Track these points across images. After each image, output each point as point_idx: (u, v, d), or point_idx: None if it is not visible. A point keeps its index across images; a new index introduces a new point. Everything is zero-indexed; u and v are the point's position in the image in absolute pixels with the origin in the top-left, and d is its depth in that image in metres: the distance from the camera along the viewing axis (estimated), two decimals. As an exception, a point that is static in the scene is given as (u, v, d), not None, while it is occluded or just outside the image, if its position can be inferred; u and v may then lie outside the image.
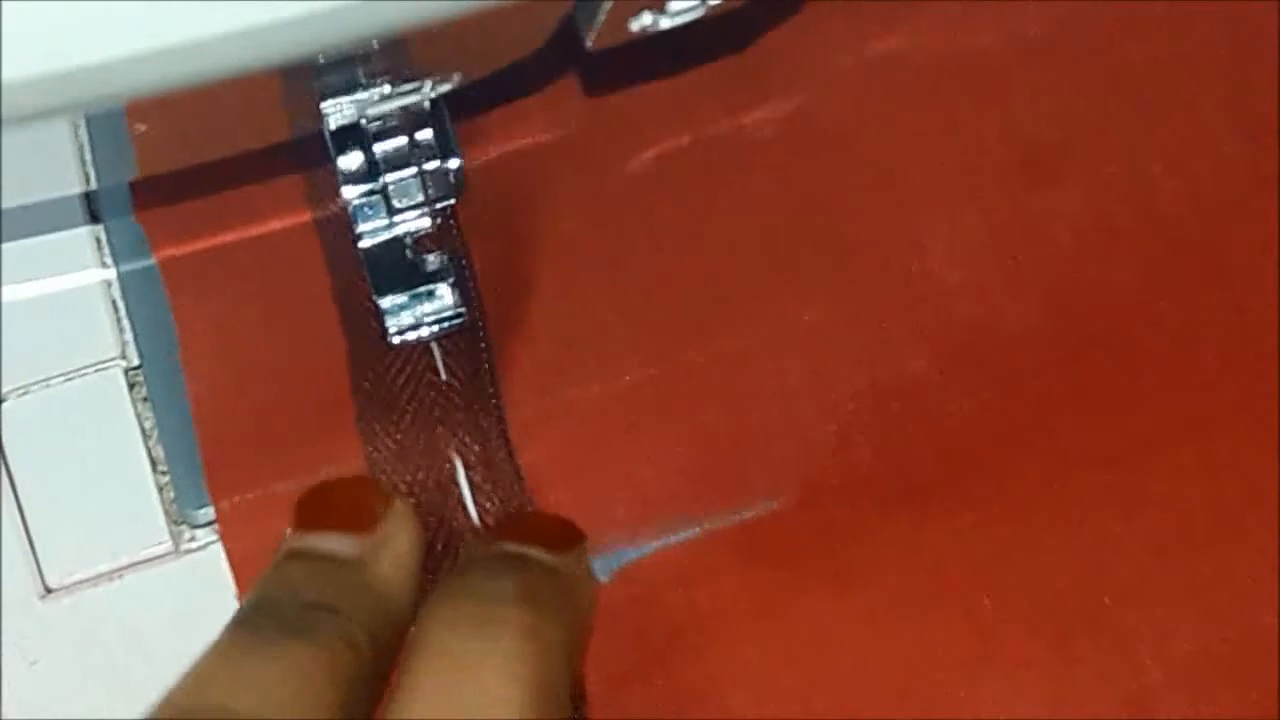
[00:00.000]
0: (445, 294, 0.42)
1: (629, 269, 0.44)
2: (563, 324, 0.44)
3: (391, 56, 0.37)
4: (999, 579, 0.42)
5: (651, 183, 0.44)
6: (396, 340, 0.42)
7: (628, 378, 0.43)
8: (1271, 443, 0.43)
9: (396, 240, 0.42)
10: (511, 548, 0.38)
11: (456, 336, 0.43)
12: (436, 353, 0.43)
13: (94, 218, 0.44)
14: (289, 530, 0.39)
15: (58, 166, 0.43)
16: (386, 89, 0.39)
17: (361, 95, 0.39)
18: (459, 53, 0.38)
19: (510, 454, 0.43)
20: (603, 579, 0.43)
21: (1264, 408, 0.43)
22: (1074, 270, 0.44)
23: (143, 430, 0.43)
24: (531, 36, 0.37)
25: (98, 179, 0.44)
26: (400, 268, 0.42)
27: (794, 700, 0.42)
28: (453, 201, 0.42)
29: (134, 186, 0.44)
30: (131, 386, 0.43)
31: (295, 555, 0.37)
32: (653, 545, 0.43)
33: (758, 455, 0.43)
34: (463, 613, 0.35)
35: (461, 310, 0.42)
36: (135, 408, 0.43)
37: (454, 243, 0.43)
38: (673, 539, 0.43)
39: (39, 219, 0.44)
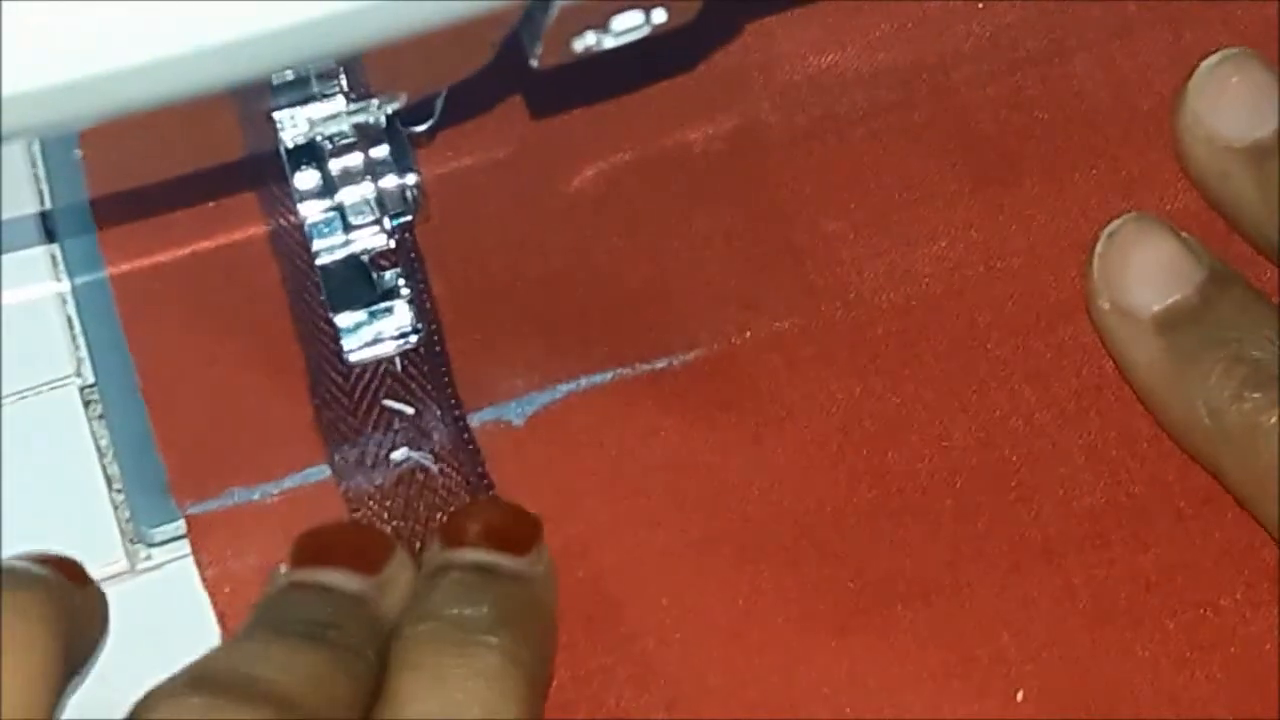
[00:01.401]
0: (402, 311, 0.42)
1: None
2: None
3: (341, 74, 0.37)
4: (905, 436, 0.43)
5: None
6: (354, 358, 0.42)
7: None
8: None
9: (353, 257, 0.42)
10: (480, 558, 0.39)
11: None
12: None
13: (50, 236, 0.44)
14: (284, 567, 0.39)
15: (12, 187, 0.43)
16: (337, 106, 0.39)
17: (313, 112, 0.39)
18: (405, 70, 0.39)
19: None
20: (518, 423, 0.43)
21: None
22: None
23: (98, 448, 0.42)
24: (475, 55, 0.37)
25: (52, 199, 0.44)
26: (357, 284, 0.42)
27: (702, 542, 0.43)
28: (410, 218, 0.42)
29: (94, 204, 0.44)
30: (87, 404, 0.43)
31: (298, 586, 0.38)
32: (566, 389, 0.43)
33: (673, 309, 0.44)
34: (444, 639, 0.36)
35: (419, 327, 0.42)
36: (90, 425, 0.43)
37: (411, 259, 0.43)
38: (585, 383, 0.44)
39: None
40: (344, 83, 0.39)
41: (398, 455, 0.42)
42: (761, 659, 0.42)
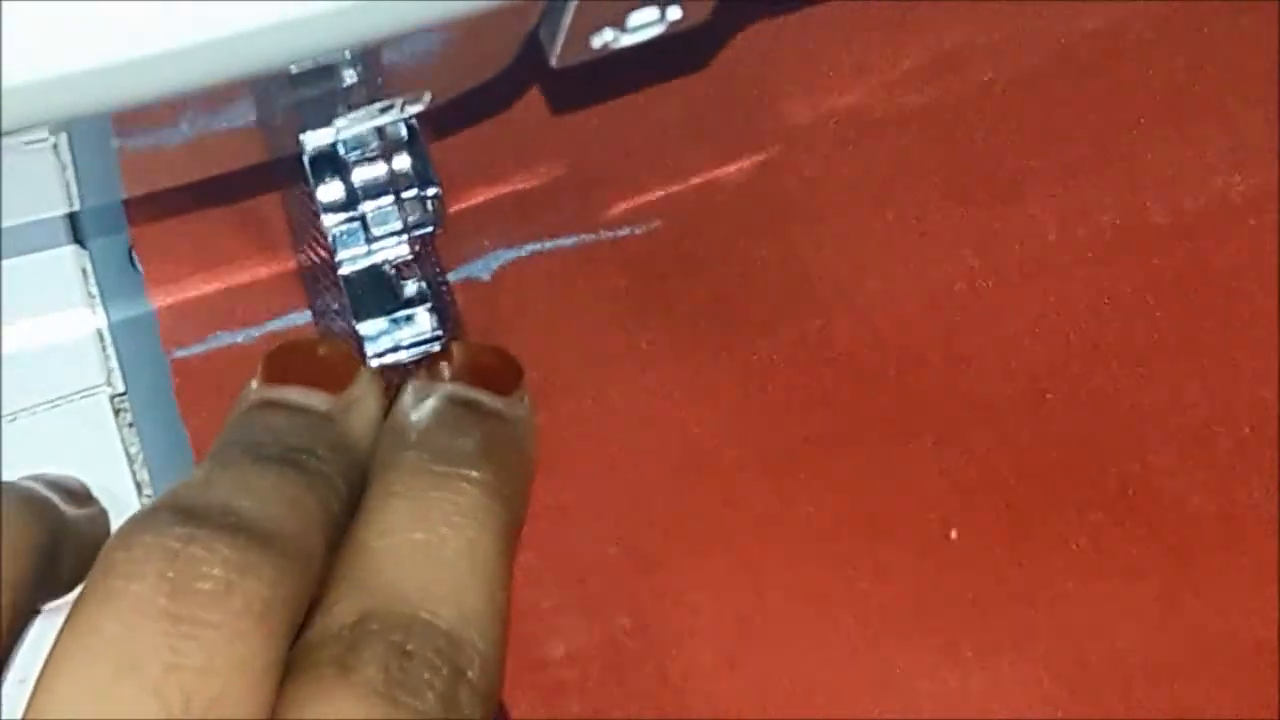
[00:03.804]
0: (423, 319, 0.43)
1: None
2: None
3: (363, 70, 0.38)
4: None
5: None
6: (375, 364, 0.42)
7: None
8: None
9: (375, 267, 0.42)
10: (461, 392, 0.40)
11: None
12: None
13: (79, 240, 0.45)
14: (255, 382, 0.39)
15: (42, 187, 0.44)
16: (360, 108, 0.40)
17: (337, 114, 0.40)
18: (428, 68, 0.39)
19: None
20: (485, 278, 0.45)
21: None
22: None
23: (128, 455, 0.43)
24: (499, 52, 0.37)
25: (81, 200, 0.44)
26: (379, 294, 0.42)
27: (655, 386, 0.45)
28: (431, 229, 0.43)
29: (126, 207, 0.45)
30: (117, 413, 0.44)
31: (268, 404, 0.38)
32: (531, 248, 0.45)
33: (635, 178, 0.46)
34: (429, 469, 0.37)
35: (440, 334, 0.43)
36: (121, 433, 0.43)
37: (432, 268, 0.44)
38: (550, 244, 0.45)
39: (24, 240, 0.44)
40: (368, 82, 0.40)
41: None
42: (702, 493, 0.44)
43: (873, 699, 0.42)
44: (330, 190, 0.42)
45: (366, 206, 0.42)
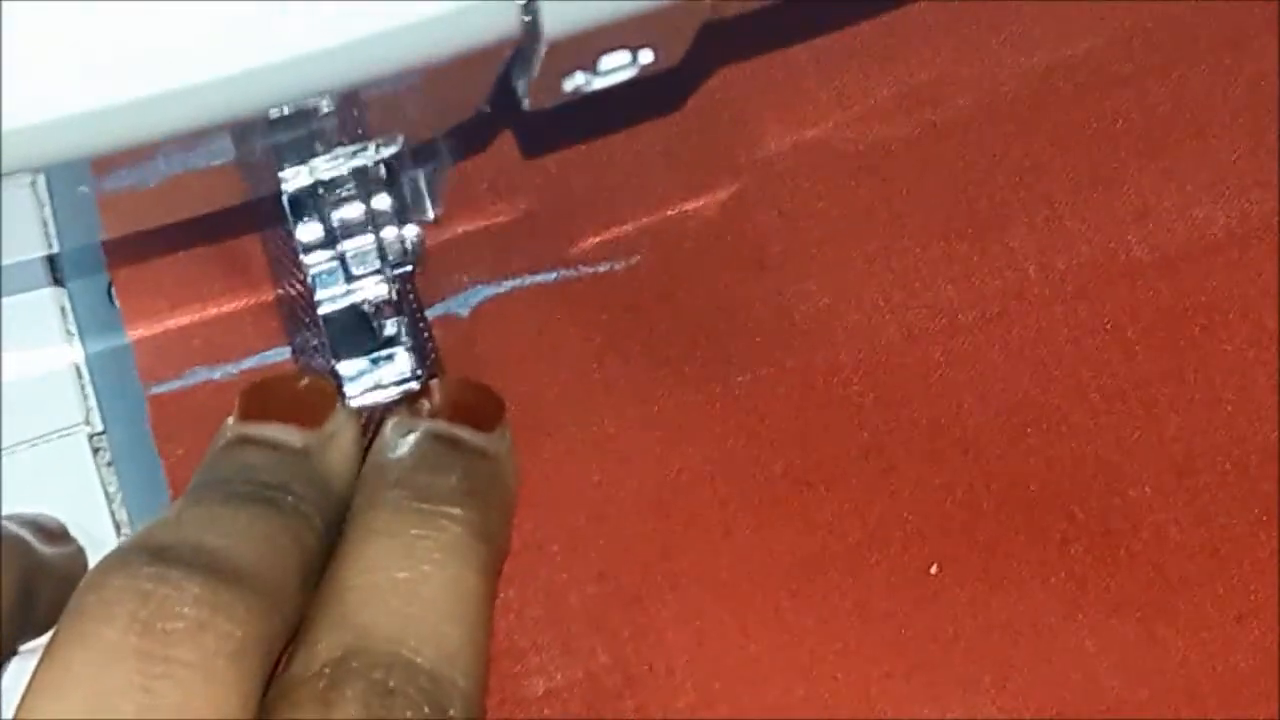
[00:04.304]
0: (403, 359, 0.42)
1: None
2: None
3: (336, 113, 0.38)
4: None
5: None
6: (355, 404, 0.42)
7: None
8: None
9: (355, 306, 0.42)
10: (443, 429, 0.40)
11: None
12: None
13: (58, 280, 0.45)
14: (230, 420, 0.39)
15: (20, 229, 0.43)
16: (335, 149, 0.40)
17: (313, 155, 0.40)
18: (401, 110, 0.39)
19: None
20: (464, 314, 0.45)
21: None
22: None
23: (106, 494, 0.43)
24: (470, 96, 0.37)
25: (60, 241, 0.44)
26: (359, 333, 0.42)
27: (637, 422, 0.45)
28: (410, 268, 0.43)
29: (105, 249, 0.45)
30: (96, 451, 0.43)
31: (244, 440, 0.38)
32: (510, 284, 0.45)
33: (613, 213, 0.46)
34: (411, 508, 0.37)
35: (419, 374, 0.42)
36: (100, 472, 0.43)
37: (411, 308, 0.43)
38: (529, 280, 0.45)
39: (2, 283, 0.44)
40: (341, 125, 0.40)
41: None
42: (682, 528, 0.44)
43: (853, 733, 0.42)
44: (309, 230, 0.42)
45: (346, 246, 0.42)
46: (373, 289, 0.42)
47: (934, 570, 0.44)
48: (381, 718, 0.32)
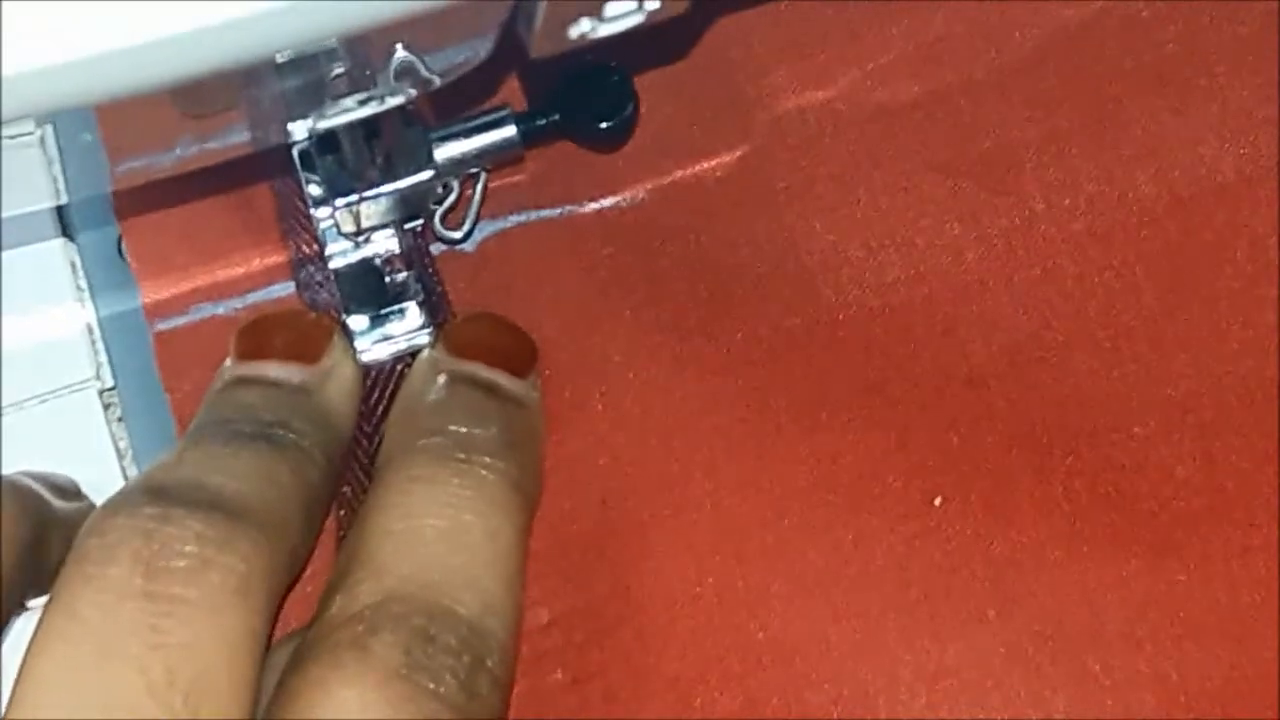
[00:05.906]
0: (413, 312, 0.42)
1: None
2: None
3: (343, 61, 0.37)
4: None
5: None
6: (366, 358, 0.42)
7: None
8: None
9: (366, 260, 0.42)
10: (482, 374, 0.40)
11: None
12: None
13: (68, 235, 0.44)
14: (229, 360, 0.39)
15: (28, 180, 0.43)
16: (342, 99, 0.39)
17: (321, 104, 0.39)
18: (409, 60, 0.39)
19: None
20: (469, 249, 0.45)
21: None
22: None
23: (117, 450, 0.43)
24: (475, 44, 0.37)
25: (69, 193, 0.44)
26: (369, 287, 0.42)
27: (643, 352, 0.45)
28: (420, 222, 0.43)
29: (114, 199, 0.44)
30: (106, 407, 0.43)
31: (242, 381, 0.38)
32: (515, 219, 0.45)
33: (620, 161, 0.46)
34: (453, 457, 0.37)
35: (430, 328, 0.42)
36: (110, 427, 0.43)
37: (422, 262, 0.43)
38: (534, 215, 0.45)
39: (12, 234, 0.44)
40: (349, 73, 0.39)
41: None
42: (686, 459, 0.44)
43: (853, 664, 0.43)
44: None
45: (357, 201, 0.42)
46: (384, 243, 0.42)
47: (937, 503, 0.44)
48: (422, 663, 0.33)
